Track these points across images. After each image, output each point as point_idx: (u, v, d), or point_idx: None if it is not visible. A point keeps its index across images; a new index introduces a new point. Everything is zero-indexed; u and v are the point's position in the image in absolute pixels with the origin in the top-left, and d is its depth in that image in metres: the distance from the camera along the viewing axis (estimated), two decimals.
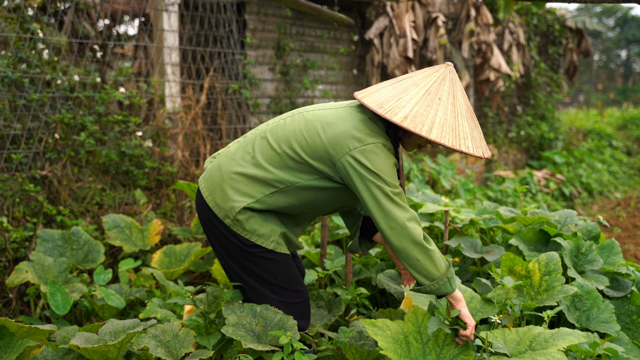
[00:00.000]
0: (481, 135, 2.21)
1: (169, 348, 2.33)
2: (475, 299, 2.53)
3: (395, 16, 6.62)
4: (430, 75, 2.20)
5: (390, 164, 2.15)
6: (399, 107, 2.10)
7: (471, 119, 2.18)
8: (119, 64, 5.05)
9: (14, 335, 2.34)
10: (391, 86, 2.21)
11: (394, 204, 2.11)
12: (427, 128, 2.07)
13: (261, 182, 2.22)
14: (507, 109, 9.61)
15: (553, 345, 2.13)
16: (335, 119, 2.20)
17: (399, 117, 2.07)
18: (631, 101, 21.92)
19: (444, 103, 2.13)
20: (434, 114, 2.10)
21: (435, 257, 2.13)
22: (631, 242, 6.68)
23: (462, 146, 2.09)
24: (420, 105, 2.11)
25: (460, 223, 3.43)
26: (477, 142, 2.16)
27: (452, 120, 2.12)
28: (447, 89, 2.16)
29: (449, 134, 2.09)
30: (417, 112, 2.09)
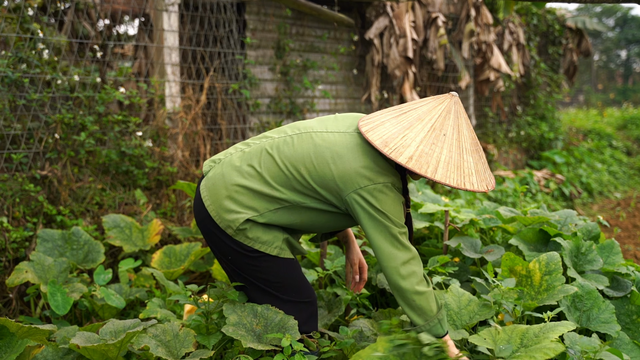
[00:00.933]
0: (485, 165, 2.21)
1: (170, 348, 2.33)
2: (473, 302, 2.53)
3: (395, 16, 6.62)
4: (435, 108, 2.18)
5: (398, 203, 2.17)
6: (403, 145, 2.09)
7: (475, 152, 2.18)
8: (119, 64, 5.05)
9: (14, 335, 2.34)
10: (395, 119, 2.18)
11: (398, 244, 2.14)
12: (432, 169, 2.07)
13: (266, 197, 2.21)
14: (507, 109, 9.61)
15: (545, 338, 2.13)
16: (345, 150, 2.17)
17: (404, 157, 2.07)
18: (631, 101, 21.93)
19: (448, 140, 2.13)
20: (439, 153, 2.10)
21: (430, 298, 2.16)
22: (631, 242, 6.68)
23: (467, 184, 2.09)
24: (425, 143, 2.11)
25: (460, 223, 3.43)
26: (482, 175, 2.16)
27: (457, 158, 2.12)
28: (452, 124, 2.15)
29: (454, 172, 2.09)
30: (422, 152, 2.09)
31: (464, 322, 2.44)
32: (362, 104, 6.79)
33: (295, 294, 2.34)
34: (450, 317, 2.46)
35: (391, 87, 7.01)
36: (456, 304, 2.52)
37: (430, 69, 7.47)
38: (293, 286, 2.33)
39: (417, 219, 3.61)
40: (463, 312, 2.49)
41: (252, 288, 2.35)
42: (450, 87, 7.86)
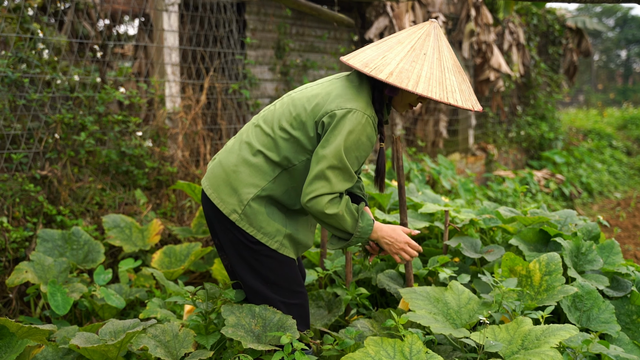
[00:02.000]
0: (470, 90, 2.19)
1: (169, 348, 2.33)
2: (473, 301, 2.52)
3: (395, 16, 6.62)
4: (415, 32, 2.19)
5: (363, 134, 2.12)
6: (383, 64, 2.10)
7: (458, 74, 2.17)
8: (119, 64, 5.05)
9: (14, 335, 2.34)
10: (375, 46, 2.21)
11: (333, 176, 2.12)
12: (414, 82, 2.06)
13: (262, 169, 2.25)
14: (507, 109, 9.61)
15: (545, 343, 2.12)
16: (320, 90, 2.24)
17: (384, 74, 2.07)
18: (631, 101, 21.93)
19: (429, 58, 2.12)
20: (419, 69, 2.10)
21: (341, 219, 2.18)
22: (631, 242, 6.68)
23: (450, 99, 2.08)
24: (405, 61, 2.11)
25: (460, 223, 3.43)
26: (466, 95, 2.14)
27: (439, 74, 2.11)
28: (432, 44, 2.15)
29: (436, 87, 2.08)
30: (403, 68, 2.09)
31: (464, 321, 2.44)
32: None
33: (289, 294, 2.35)
34: (450, 316, 2.46)
35: None
36: (456, 302, 2.52)
37: None
38: (288, 287, 2.34)
39: (417, 219, 3.61)
40: (463, 310, 2.49)
41: (248, 286, 2.36)
42: None
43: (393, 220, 3.47)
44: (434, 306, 2.48)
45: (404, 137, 7.41)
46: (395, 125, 7.22)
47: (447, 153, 8.07)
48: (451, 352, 2.49)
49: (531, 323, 2.29)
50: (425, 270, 3.01)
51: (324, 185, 2.12)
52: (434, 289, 2.57)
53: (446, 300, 2.52)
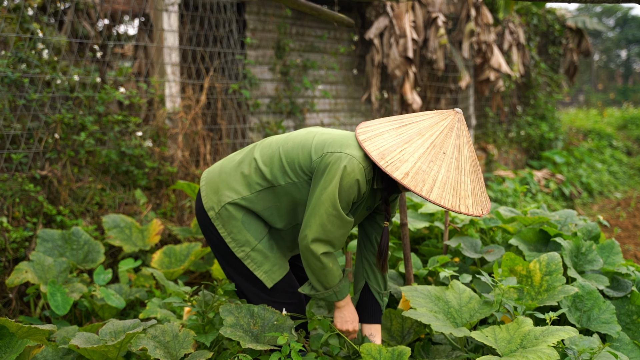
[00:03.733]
0: (482, 188, 2.15)
1: (169, 349, 2.33)
2: (474, 300, 2.52)
3: (395, 16, 6.62)
4: (438, 123, 2.10)
5: (355, 183, 2.10)
6: (401, 160, 2.02)
7: (474, 174, 2.11)
8: (119, 64, 5.05)
9: (14, 335, 2.34)
10: (395, 131, 2.12)
11: (328, 221, 2.13)
12: (428, 188, 1.99)
13: (249, 179, 2.29)
14: (507, 109, 9.60)
15: (543, 342, 2.13)
16: (337, 136, 2.22)
17: (400, 173, 2.00)
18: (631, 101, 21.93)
19: (448, 159, 2.05)
20: (436, 172, 2.02)
21: (329, 275, 2.23)
22: (631, 242, 6.68)
23: (462, 207, 2.03)
24: (423, 160, 2.03)
25: (460, 223, 3.43)
26: (478, 198, 2.09)
27: (455, 179, 2.04)
28: (453, 142, 2.07)
29: (450, 194, 2.02)
30: (419, 169, 2.01)
31: (465, 320, 2.44)
32: (362, 104, 6.79)
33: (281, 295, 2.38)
34: (451, 315, 2.46)
35: (391, 87, 7.01)
36: (457, 301, 2.52)
37: (430, 69, 7.47)
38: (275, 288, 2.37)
39: (417, 219, 3.61)
40: (464, 309, 2.49)
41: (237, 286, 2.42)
42: (450, 87, 7.86)
43: (393, 220, 3.47)
44: (434, 304, 2.48)
45: None
46: None
47: None
48: (450, 352, 2.49)
49: (532, 324, 2.29)
50: (425, 270, 3.01)
51: (321, 231, 2.13)
52: (435, 288, 2.57)
53: (447, 299, 2.52)
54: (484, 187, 2.16)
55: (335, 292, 2.27)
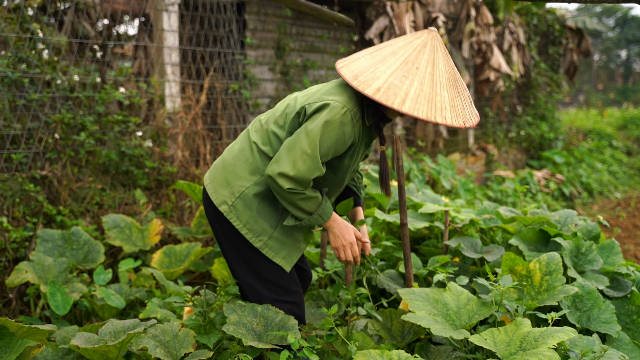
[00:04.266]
0: (465, 104, 2.13)
1: (169, 348, 2.33)
2: (472, 301, 2.52)
3: (395, 16, 6.62)
4: (411, 42, 2.12)
5: (340, 127, 2.10)
6: (373, 78, 2.05)
7: (453, 88, 2.10)
8: (119, 64, 5.05)
9: (14, 335, 2.34)
10: (370, 55, 2.16)
11: (300, 160, 2.10)
12: (400, 100, 2.00)
13: (256, 163, 2.27)
14: (507, 109, 9.60)
15: (543, 344, 2.12)
16: (315, 89, 2.26)
17: (372, 89, 2.03)
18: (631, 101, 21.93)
19: (421, 73, 2.06)
20: (409, 85, 2.03)
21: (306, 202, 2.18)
22: (631, 242, 6.68)
23: (439, 117, 2.02)
24: (395, 75, 2.05)
25: (460, 223, 3.43)
26: (458, 111, 2.08)
27: (429, 91, 2.04)
28: (426, 57, 2.08)
29: (424, 105, 2.02)
30: (391, 84, 2.03)
31: (464, 322, 2.44)
32: None
33: (284, 293, 2.37)
34: (450, 317, 2.46)
35: None
36: (455, 303, 2.52)
37: None
38: (282, 285, 2.35)
39: (417, 219, 3.61)
40: (462, 311, 2.49)
41: (242, 283, 2.39)
42: None
43: (393, 220, 3.47)
44: (433, 307, 2.48)
45: (404, 137, 7.41)
46: (395, 125, 7.22)
47: (447, 153, 8.06)
48: (451, 352, 2.49)
49: (530, 325, 2.28)
50: (425, 270, 3.01)
51: (291, 167, 2.10)
52: (433, 290, 2.56)
53: (445, 301, 2.52)
54: (468, 101, 2.14)
55: (319, 214, 2.22)
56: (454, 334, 2.25)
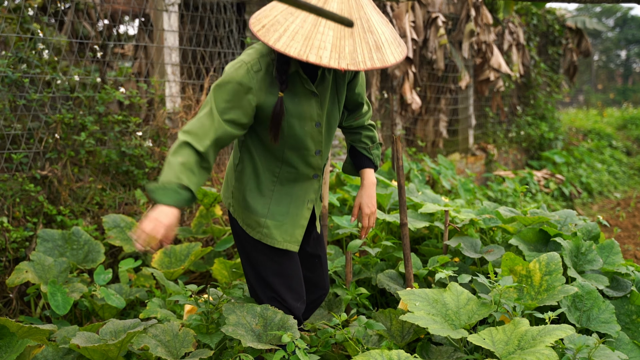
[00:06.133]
0: (360, 47, 1.93)
1: (169, 348, 2.33)
2: (472, 301, 2.52)
3: (395, 16, 6.62)
4: None
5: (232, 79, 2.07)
6: (266, 16, 1.97)
7: (344, 29, 1.90)
8: (119, 64, 5.05)
9: (14, 335, 2.34)
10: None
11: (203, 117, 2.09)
12: (276, 37, 1.89)
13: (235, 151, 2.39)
14: (507, 109, 9.61)
15: (541, 343, 2.13)
16: None
17: (258, 26, 1.95)
18: (631, 101, 21.93)
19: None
20: (290, 22, 1.91)
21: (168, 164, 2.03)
22: (631, 242, 6.68)
23: (312, 56, 1.86)
24: (284, 13, 1.94)
25: (460, 223, 3.43)
26: (344, 53, 1.90)
27: (310, 28, 1.89)
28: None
29: (299, 42, 1.88)
30: (276, 21, 1.93)
31: (463, 322, 2.44)
32: None
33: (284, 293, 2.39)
34: (449, 317, 2.46)
35: (391, 87, 7.01)
36: (455, 303, 2.52)
37: (430, 69, 7.47)
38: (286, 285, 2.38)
39: (417, 219, 3.61)
40: (462, 311, 2.49)
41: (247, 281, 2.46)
42: (450, 87, 7.86)
43: (393, 220, 3.47)
44: (432, 307, 2.48)
45: (404, 137, 7.41)
46: (395, 125, 7.22)
47: (447, 153, 8.07)
48: (452, 353, 2.49)
49: (528, 324, 2.29)
50: (425, 270, 3.01)
51: (192, 122, 2.10)
52: (433, 290, 2.56)
53: (445, 301, 2.52)
54: (367, 47, 1.95)
55: (158, 188, 1.98)
56: (452, 334, 2.25)
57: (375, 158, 2.53)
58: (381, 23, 2.03)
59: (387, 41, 2.00)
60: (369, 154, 2.52)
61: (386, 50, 1.99)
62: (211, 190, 3.98)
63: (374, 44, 1.96)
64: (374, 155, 2.53)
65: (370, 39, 1.96)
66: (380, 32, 1.99)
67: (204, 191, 3.95)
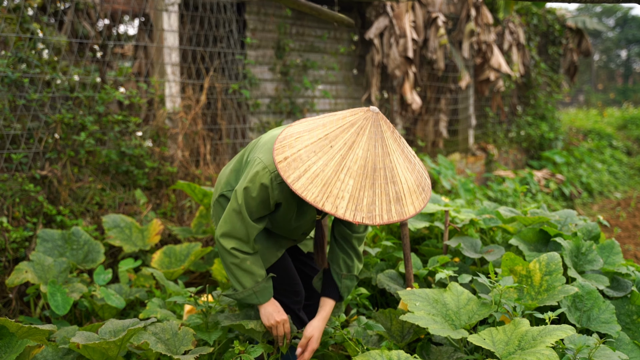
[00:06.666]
0: (380, 199, 1.89)
1: (169, 346, 2.34)
2: (472, 301, 2.52)
3: (395, 16, 6.62)
4: (344, 118, 1.94)
5: (256, 189, 2.12)
6: (290, 146, 1.92)
7: (364, 178, 1.86)
8: (119, 64, 5.05)
9: (14, 335, 2.34)
10: (307, 121, 2.04)
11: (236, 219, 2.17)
12: (296, 176, 1.85)
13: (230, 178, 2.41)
14: (507, 109, 9.61)
15: (541, 343, 2.12)
16: (267, 139, 2.26)
17: (281, 157, 1.90)
18: (631, 101, 21.92)
19: (331, 153, 1.86)
20: (312, 162, 1.86)
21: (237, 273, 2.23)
22: (631, 242, 6.68)
23: (328, 205, 1.82)
24: (308, 148, 1.89)
25: (460, 223, 3.43)
26: (361, 204, 1.85)
27: (331, 175, 1.84)
28: (347, 138, 1.88)
29: (318, 187, 1.83)
30: (299, 157, 1.88)
31: (463, 322, 2.44)
32: (362, 104, 6.79)
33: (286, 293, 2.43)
34: (449, 317, 2.46)
35: (391, 87, 7.01)
36: (455, 303, 2.51)
37: (430, 69, 7.47)
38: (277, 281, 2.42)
39: (417, 219, 3.61)
40: (462, 311, 2.49)
41: None
42: (450, 87, 7.86)
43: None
44: (432, 307, 2.47)
45: (404, 137, 7.41)
46: (396, 125, 7.22)
47: (447, 153, 8.06)
48: (453, 353, 2.48)
49: (528, 324, 2.28)
50: (425, 270, 3.01)
51: (228, 227, 2.18)
52: (433, 291, 2.56)
53: (445, 301, 2.52)
54: (386, 198, 1.89)
55: (255, 292, 2.23)
56: (452, 334, 2.25)
57: (343, 289, 2.46)
58: (406, 169, 1.95)
59: (409, 190, 1.94)
60: (338, 281, 2.44)
61: (406, 201, 1.93)
62: (211, 190, 3.98)
63: (395, 196, 1.91)
64: (343, 285, 2.45)
65: (391, 190, 1.90)
66: (403, 181, 1.93)
67: (204, 191, 3.95)
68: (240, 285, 2.23)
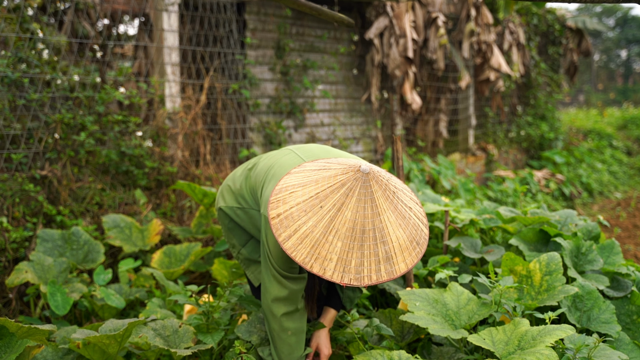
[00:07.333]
0: (369, 260, 1.87)
1: (169, 342, 2.34)
2: (472, 301, 2.52)
3: (395, 16, 6.62)
4: (336, 176, 1.92)
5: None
6: (284, 201, 1.92)
7: (352, 240, 1.85)
8: (119, 64, 5.05)
9: (13, 335, 2.33)
10: (303, 172, 2.02)
11: (274, 279, 2.17)
12: (286, 235, 1.86)
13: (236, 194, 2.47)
14: (507, 109, 9.60)
15: (541, 343, 2.12)
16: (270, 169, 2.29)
17: (274, 213, 1.91)
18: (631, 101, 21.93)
19: (321, 214, 1.86)
20: (303, 222, 1.86)
21: (282, 345, 2.24)
22: (631, 242, 6.68)
23: (316, 267, 1.82)
24: (299, 207, 1.89)
25: (460, 223, 3.43)
26: (348, 266, 1.84)
27: (319, 237, 1.84)
28: (336, 199, 1.87)
29: (307, 248, 1.84)
30: (290, 215, 1.88)
31: (463, 322, 2.44)
32: (362, 104, 6.79)
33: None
34: (449, 317, 2.46)
35: (391, 87, 7.01)
36: (455, 303, 2.52)
37: (430, 69, 7.47)
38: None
39: None
40: (462, 311, 2.49)
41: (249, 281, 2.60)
42: (450, 87, 7.86)
43: None
44: (432, 307, 2.47)
45: (404, 137, 7.41)
46: (395, 125, 7.22)
47: (447, 153, 8.06)
48: (454, 353, 2.48)
49: (528, 324, 2.28)
50: (425, 270, 3.01)
51: (277, 288, 2.18)
52: (433, 291, 2.56)
53: (445, 302, 2.52)
54: (375, 260, 1.88)
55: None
56: (452, 334, 2.25)
57: (345, 299, 2.47)
58: (398, 227, 1.92)
59: (400, 248, 1.91)
60: (340, 291, 2.47)
61: (397, 259, 1.90)
62: (211, 190, 3.98)
63: (384, 255, 1.89)
64: (345, 295, 2.47)
65: (381, 250, 1.89)
66: (394, 239, 1.91)
67: (204, 191, 3.94)
68: (276, 355, 2.25)
